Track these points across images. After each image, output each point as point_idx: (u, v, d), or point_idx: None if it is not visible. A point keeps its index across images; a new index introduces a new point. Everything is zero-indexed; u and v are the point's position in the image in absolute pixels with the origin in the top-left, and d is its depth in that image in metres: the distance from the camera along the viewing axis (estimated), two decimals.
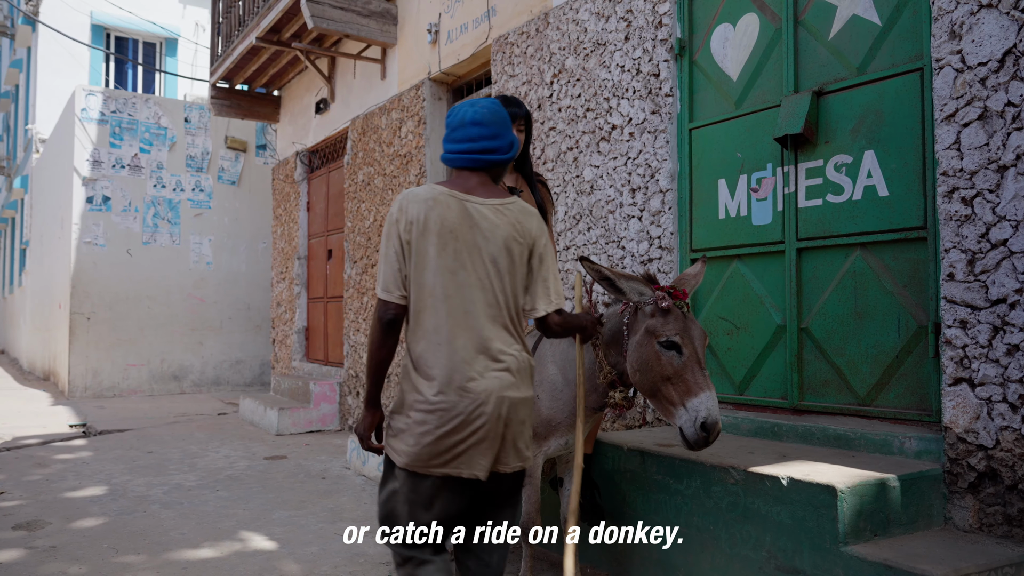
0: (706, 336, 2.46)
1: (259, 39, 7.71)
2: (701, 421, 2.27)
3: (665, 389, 2.38)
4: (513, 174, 3.32)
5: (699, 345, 2.40)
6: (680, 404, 2.34)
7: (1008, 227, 2.63)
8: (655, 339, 2.39)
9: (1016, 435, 2.58)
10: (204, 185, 11.59)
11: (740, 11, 3.76)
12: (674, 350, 2.36)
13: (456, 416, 2.08)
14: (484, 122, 2.25)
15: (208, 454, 6.40)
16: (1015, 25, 2.63)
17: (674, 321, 2.39)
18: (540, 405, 2.82)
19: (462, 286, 2.14)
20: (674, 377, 2.35)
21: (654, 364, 2.39)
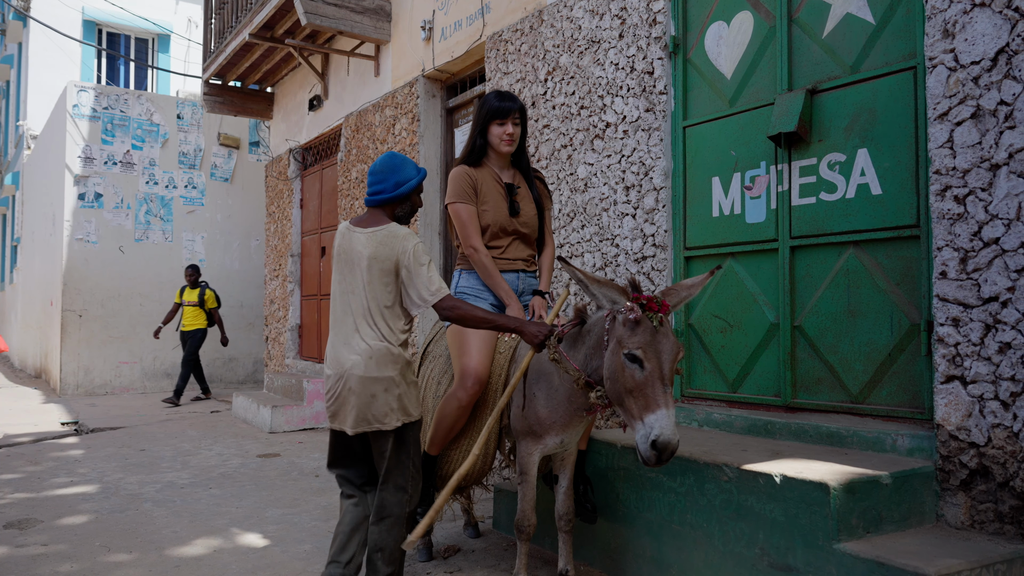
0: (679, 351, 2.40)
1: (252, 36, 7.68)
2: (652, 439, 2.25)
3: (627, 401, 2.37)
4: (510, 170, 3.33)
5: (666, 361, 2.35)
6: (638, 418, 2.33)
7: (1000, 225, 2.64)
8: (621, 349, 2.38)
9: (1008, 432, 2.59)
10: (197, 182, 11.55)
11: (734, 9, 3.77)
12: (637, 364, 2.34)
13: (329, 387, 2.84)
14: (375, 171, 2.95)
15: (201, 452, 6.38)
16: (1008, 24, 2.64)
17: (641, 334, 2.35)
18: (537, 404, 2.85)
19: (344, 293, 2.87)
20: (635, 391, 2.34)
21: (619, 375, 2.39)
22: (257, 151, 11.92)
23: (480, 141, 3.27)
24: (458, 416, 3.11)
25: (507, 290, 3.17)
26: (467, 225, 3.20)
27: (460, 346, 3.12)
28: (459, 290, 3.28)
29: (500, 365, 3.11)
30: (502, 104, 3.21)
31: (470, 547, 3.77)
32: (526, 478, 2.94)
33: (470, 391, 3.05)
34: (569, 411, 2.81)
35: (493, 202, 3.23)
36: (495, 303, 3.23)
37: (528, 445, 2.93)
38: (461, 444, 3.21)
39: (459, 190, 3.22)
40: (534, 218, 3.33)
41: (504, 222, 3.24)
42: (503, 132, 3.21)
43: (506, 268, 3.26)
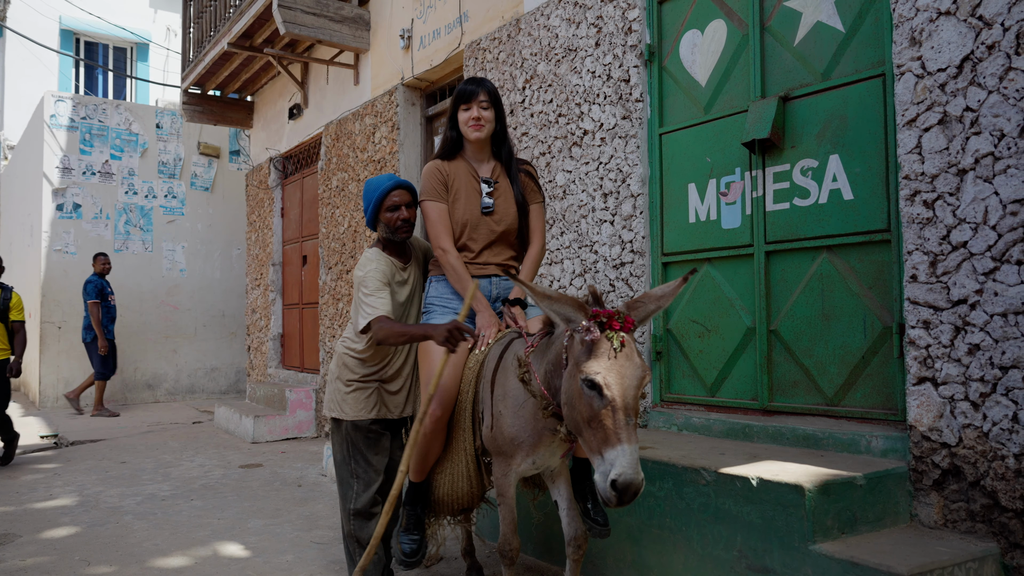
0: (644, 376, 2.07)
1: (231, 45, 7.67)
2: (612, 479, 1.93)
3: (586, 432, 2.07)
4: (490, 163, 3.07)
5: (628, 388, 2.01)
6: (597, 453, 2.02)
7: (968, 229, 2.69)
8: (579, 373, 2.06)
9: (978, 433, 2.64)
10: (177, 191, 11.49)
11: (708, 17, 3.82)
12: (595, 391, 2.01)
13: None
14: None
15: (182, 463, 6.34)
16: (972, 32, 2.69)
17: (600, 357, 2.03)
18: (503, 421, 2.60)
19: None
20: (593, 421, 2.02)
21: (577, 402, 2.09)
22: (237, 160, 11.87)
23: (453, 132, 3.04)
24: (427, 442, 2.84)
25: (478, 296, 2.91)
26: (436, 224, 2.95)
27: (424, 366, 2.93)
28: (428, 302, 3.04)
29: (468, 381, 2.80)
30: (467, 87, 2.97)
31: (453, 554, 3.78)
32: (504, 500, 2.70)
33: (432, 417, 2.77)
34: (536, 430, 2.52)
35: (465, 199, 2.97)
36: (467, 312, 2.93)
37: (501, 466, 2.69)
38: (444, 468, 2.95)
39: (428, 187, 2.99)
40: (512, 216, 3.01)
41: (476, 221, 2.97)
42: (469, 117, 2.96)
43: (477, 273, 2.97)
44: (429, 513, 3.11)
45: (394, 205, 3.09)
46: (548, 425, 2.45)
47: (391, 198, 3.10)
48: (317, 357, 8.14)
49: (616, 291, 4.15)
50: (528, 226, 3.09)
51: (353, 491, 3.18)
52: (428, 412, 2.73)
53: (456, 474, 2.88)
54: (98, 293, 9.31)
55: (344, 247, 7.27)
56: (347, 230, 7.22)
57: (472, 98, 2.95)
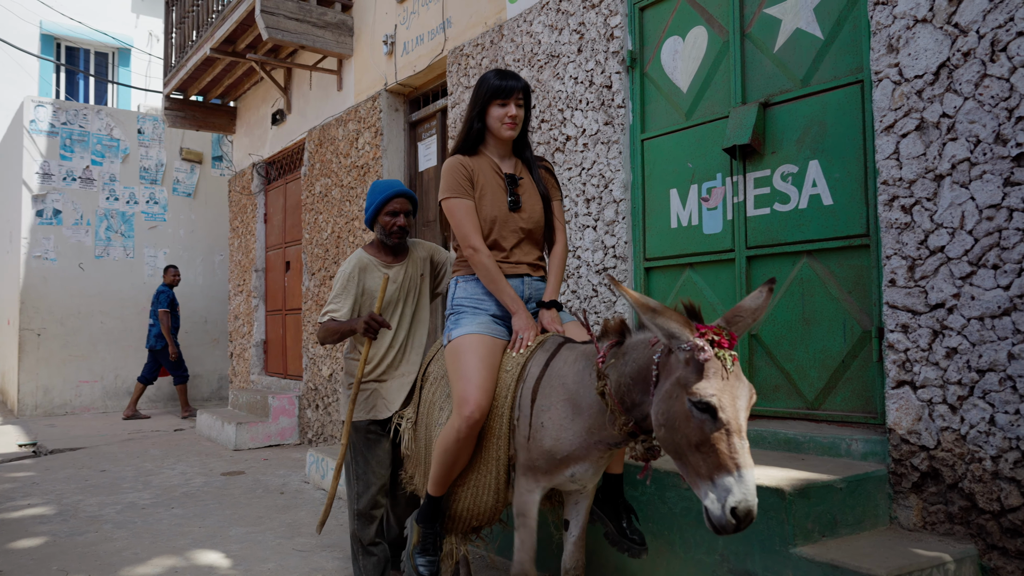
0: (752, 395, 1.97)
1: (213, 50, 7.64)
2: (732, 506, 1.80)
3: (692, 457, 1.91)
4: (511, 159, 2.92)
5: (742, 409, 1.91)
6: (708, 479, 1.87)
7: (945, 234, 2.72)
8: (687, 395, 1.90)
9: (956, 435, 2.66)
10: (159, 197, 11.41)
11: (689, 24, 3.84)
12: (708, 414, 1.87)
13: None
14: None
15: (163, 471, 6.28)
16: (948, 39, 2.73)
17: (713, 377, 1.88)
18: (544, 434, 2.41)
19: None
20: (704, 445, 1.87)
21: (682, 425, 1.92)
22: (220, 165, 11.81)
23: (478, 125, 2.83)
24: (458, 451, 2.60)
25: (512, 296, 2.72)
26: (464, 223, 2.75)
27: (457, 368, 2.65)
28: (455, 303, 2.84)
29: (506, 385, 2.59)
30: (504, 83, 2.77)
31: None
32: (524, 521, 2.48)
33: (468, 421, 2.53)
34: (587, 443, 2.35)
35: (491, 196, 2.79)
36: (498, 313, 2.77)
37: (528, 482, 2.49)
38: (469, 479, 2.70)
39: (453, 183, 2.78)
40: (539, 213, 2.86)
41: (504, 218, 2.79)
42: (504, 114, 2.77)
43: (509, 273, 2.79)
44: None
45: (394, 211, 3.27)
46: (608, 439, 2.31)
47: (393, 204, 3.27)
48: (300, 363, 8.09)
49: (599, 296, 4.16)
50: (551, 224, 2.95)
51: (355, 492, 3.27)
52: (464, 416, 2.53)
53: (482, 486, 2.65)
54: (170, 303, 9.76)
55: (327, 253, 7.24)
56: (330, 236, 7.19)
57: (510, 95, 2.77)
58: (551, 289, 2.84)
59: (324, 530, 4.35)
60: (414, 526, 2.80)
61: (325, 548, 4.03)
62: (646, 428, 2.19)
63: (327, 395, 7.20)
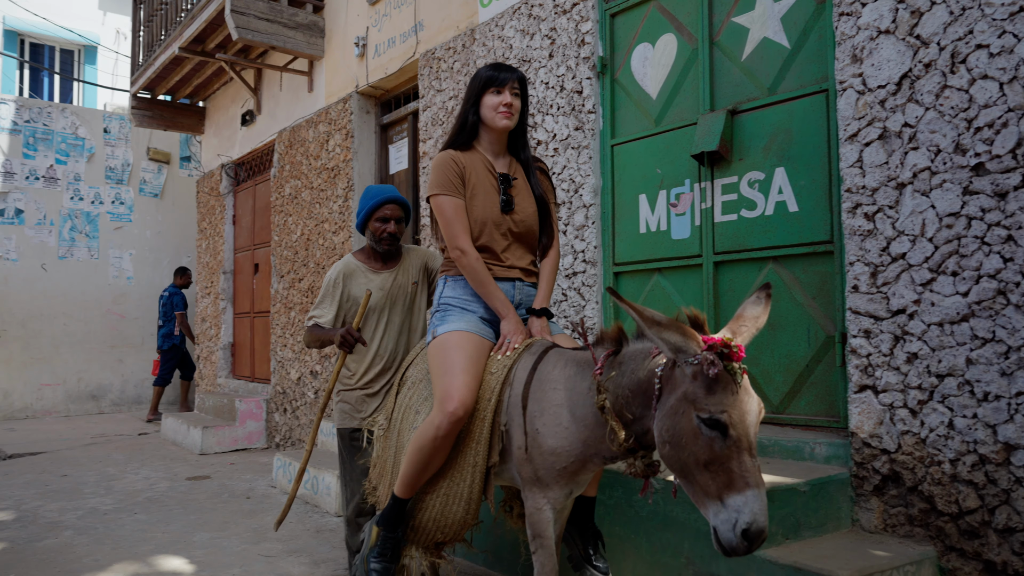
0: (762, 410, 1.87)
1: (182, 49, 7.55)
2: (743, 527, 1.72)
3: (700, 475, 1.82)
4: (505, 158, 2.79)
5: (752, 424, 1.82)
6: (717, 498, 1.78)
7: (907, 241, 2.77)
8: (695, 411, 1.81)
9: (916, 439, 2.71)
10: (125, 198, 11.23)
11: (659, 31, 3.88)
12: (718, 431, 1.78)
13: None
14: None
15: (127, 476, 6.18)
16: (910, 51, 2.78)
17: (723, 392, 1.79)
18: (543, 441, 2.29)
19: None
20: (713, 464, 1.79)
21: (690, 442, 1.83)
22: (188, 166, 11.67)
23: (472, 118, 2.72)
24: (435, 449, 2.46)
25: (502, 299, 2.61)
26: (453, 222, 2.63)
27: (441, 364, 2.54)
28: (443, 301, 2.73)
29: (490, 388, 2.47)
30: (498, 72, 2.67)
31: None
32: (541, 543, 2.31)
33: (451, 417, 2.40)
34: (583, 456, 2.25)
35: (483, 195, 2.66)
36: (486, 316, 2.68)
37: (536, 498, 2.33)
38: (439, 486, 2.56)
39: (443, 179, 2.65)
40: (532, 216, 2.74)
41: (496, 220, 2.67)
42: (499, 102, 2.65)
43: (501, 276, 2.67)
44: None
45: (384, 217, 3.26)
46: (604, 453, 2.21)
47: (383, 210, 3.26)
48: (268, 367, 8.01)
49: (568, 300, 4.18)
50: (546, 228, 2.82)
51: (344, 499, 3.33)
52: (447, 412, 2.41)
53: (453, 495, 2.52)
54: (184, 304, 9.98)
55: (297, 255, 7.18)
56: (300, 238, 7.14)
57: (505, 83, 2.65)
58: (542, 296, 2.73)
59: (290, 535, 4.31)
60: (373, 528, 2.68)
61: (291, 553, 3.99)
62: (645, 443, 2.10)
63: (295, 399, 7.13)
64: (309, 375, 6.90)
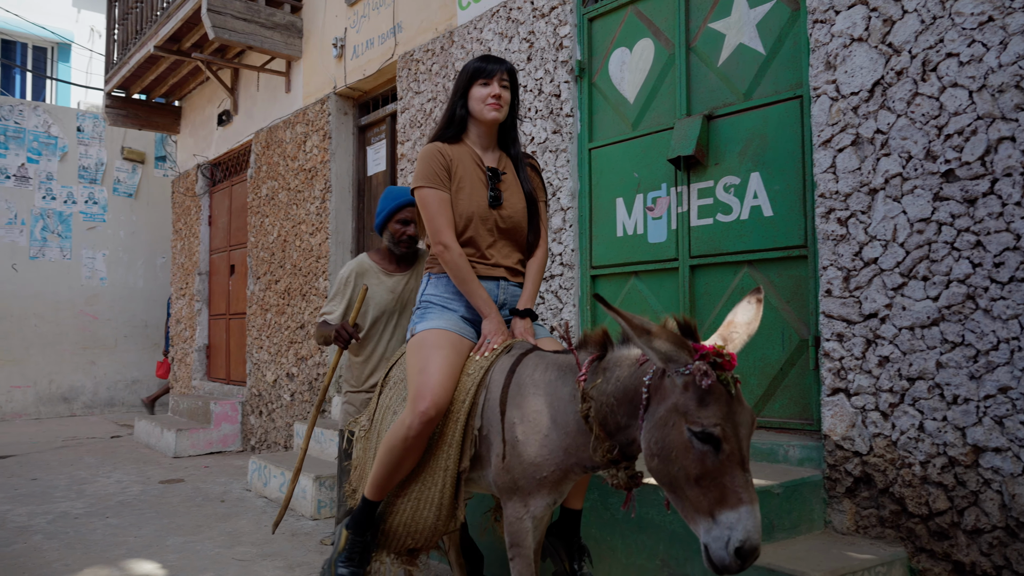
0: (755, 421, 1.79)
1: (157, 48, 7.47)
2: (736, 545, 1.65)
3: (691, 491, 1.73)
4: (495, 152, 2.70)
5: (745, 437, 1.74)
6: (708, 515, 1.70)
7: (879, 246, 2.81)
8: (686, 423, 1.73)
9: (887, 441, 2.75)
10: (98, 197, 11.09)
11: (636, 36, 3.90)
12: (710, 444, 1.70)
13: None
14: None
15: (98, 479, 6.09)
16: (883, 58, 2.82)
17: (715, 404, 1.71)
18: (524, 449, 2.18)
19: None
20: (705, 478, 1.71)
21: (680, 456, 1.74)
22: (164, 166, 11.54)
23: (460, 111, 2.63)
24: (406, 450, 2.36)
25: (485, 298, 2.52)
26: (436, 216, 2.53)
27: (416, 361, 2.45)
28: (424, 299, 2.65)
29: (465, 389, 2.38)
30: (487, 64, 2.60)
31: None
32: (519, 551, 2.22)
33: (422, 417, 2.31)
34: (564, 466, 2.16)
35: (470, 189, 2.57)
36: (467, 315, 2.59)
37: (515, 507, 2.23)
38: (410, 490, 2.46)
39: (428, 172, 2.55)
40: (521, 212, 2.65)
41: (482, 215, 2.57)
42: (488, 94, 2.57)
43: (485, 275, 2.58)
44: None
45: (405, 219, 3.28)
46: (585, 462, 2.12)
47: (405, 212, 3.27)
48: (244, 369, 7.94)
49: (545, 303, 4.18)
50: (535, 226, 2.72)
51: (338, 500, 3.35)
52: (419, 411, 2.32)
53: (424, 500, 2.42)
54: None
55: (273, 256, 7.13)
56: (276, 239, 7.09)
57: (493, 75, 2.58)
58: (527, 297, 2.64)
59: (264, 539, 4.28)
60: (342, 531, 2.59)
61: (266, 557, 3.96)
62: (629, 454, 2.02)
63: (271, 401, 7.08)
64: (285, 377, 6.86)
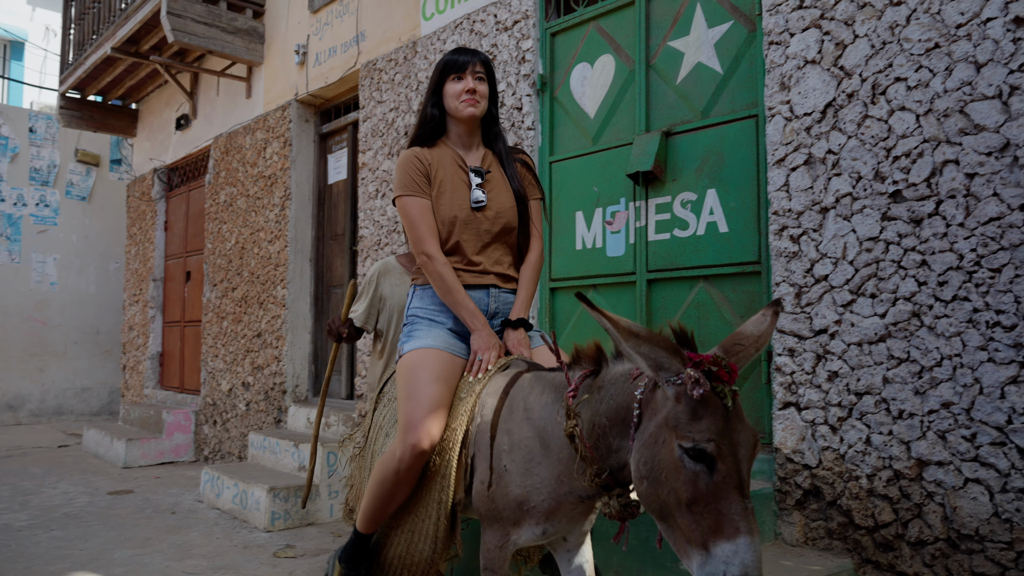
0: (757, 442, 1.57)
1: (115, 49, 7.34)
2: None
3: (682, 518, 1.51)
4: (479, 150, 2.52)
5: (745, 458, 1.53)
6: (702, 546, 1.48)
7: (829, 263, 2.88)
8: (676, 439, 1.52)
9: (836, 455, 2.81)
10: (50, 200, 10.83)
11: (597, 52, 3.95)
12: (703, 463, 1.49)
13: None
14: None
15: (44, 490, 5.92)
16: (835, 80, 2.90)
17: (709, 418, 1.50)
18: (509, 480, 2.00)
19: None
20: (698, 504, 1.49)
21: (670, 478, 1.53)
22: (119, 169, 11.32)
23: (433, 111, 2.45)
24: (397, 483, 2.19)
25: (471, 310, 2.31)
26: (418, 224, 2.35)
27: (406, 387, 2.25)
28: (411, 313, 2.45)
29: (458, 415, 2.20)
30: (458, 57, 2.41)
31: None
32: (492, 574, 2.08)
33: (413, 451, 2.13)
34: (557, 495, 1.95)
35: (451, 192, 2.38)
36: (457, 328, 2.38)
37: (496, 535, 2.05)
38: (404, 522, 2.29)
39: (406, 179, 2.38)
40: (510, 211, 2.43)
41: (466, 219, 2.38)
42: (462, 89, 2.38)
43: (473, 284, 2.38)
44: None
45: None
46: (579, 491, 1.91)
47: None
48: (198, 377, 7.81)
49: None
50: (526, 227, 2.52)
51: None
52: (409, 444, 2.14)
53: (419, 532, 2.24)
54: None
55: (231, 264, 7.04)
56: (234, 246, 6.99)
57: (465, 68, 2.39)
58: (520, 306, 2.44)
59: (216, 551, 4.20)
60: (336, 564, 2.44)
61: (217, 570, 3.89)
62: (623, 480, 1.80)
63: (226, 410, 6.97)
64: (241, 387, 6.76)
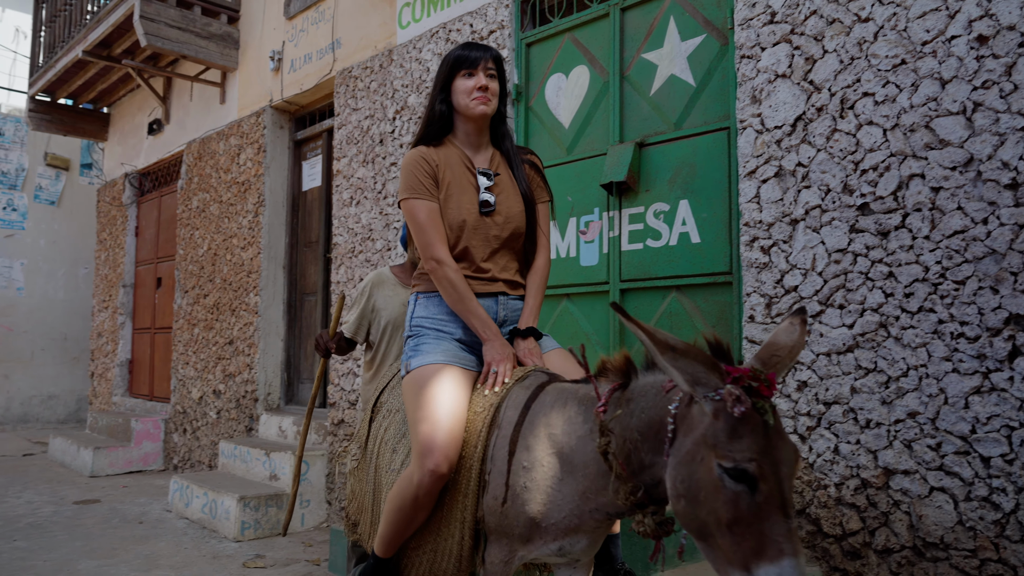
0: (798, 458, 1.51)
1: (86, 52, 7.26)
2: None
3: (723, 538, 1.45)
4: (487, 151, 2.40)
5: (787, 476, 1.46)
6: (743, 568, 1.42)
7: (799, 274, 2.91)
8: (715, 459, 1.46)
9: (805, 464, 2.84)
10: (17, 204, 10.65)
11: (572, 63, 3.98)
12: (745, 484, 1.42)
13: None
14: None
15: (7, 499, 5.81)
16: (804, 95, 2.95)
17: (751, 436, 1.44)
18: (528, 498, 1.91)
19: None
20: (739, 524, 1.43)
21: (709, 497, 1.47)
22: (89, 174, 11.16)
23: (441, 107, 2.34)
24: (416, 509, 2.08)
25: (484, 319, 2.20)
26: (426, 229, 2.24)
27: (417, 406, 2.12)
28: (414, 321, 2.33)
29: (476, 431, 2.06)
30: (469, 52, 2.31)
31: None
32: None
33: (432, 476, 2.01)
34: (581, 511, 1.85)
35: (459, 195, 2.28)
36: (464, 338, 2.26)
37: (502, 550, 1.98)
38: (426, 542, 2.16)
39: (413, 181, 2.26)
40: (518, 216, 2.33)
41: (474, 223, 2.27)
42: (473, 86, 2.28)
43: (481, 291, 2.27)
44: None
45: None
46: (607, 508, 1.82)
47: None
48: (168, 385, 7.71)
49: None
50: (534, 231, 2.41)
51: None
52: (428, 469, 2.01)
53: (442, 551, 2.13)
54: None
55: (203, 270, 6.96)
56: (206, 253, 6.93)
57: (477, 64, 2.29)
58: (528, 313, 2.34)
59: (184, 561, 4.14)
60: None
61: None
62: (657, 497, 1.71)
63: (196, 419, 6.88)
64: (212, 394, 6.68)
